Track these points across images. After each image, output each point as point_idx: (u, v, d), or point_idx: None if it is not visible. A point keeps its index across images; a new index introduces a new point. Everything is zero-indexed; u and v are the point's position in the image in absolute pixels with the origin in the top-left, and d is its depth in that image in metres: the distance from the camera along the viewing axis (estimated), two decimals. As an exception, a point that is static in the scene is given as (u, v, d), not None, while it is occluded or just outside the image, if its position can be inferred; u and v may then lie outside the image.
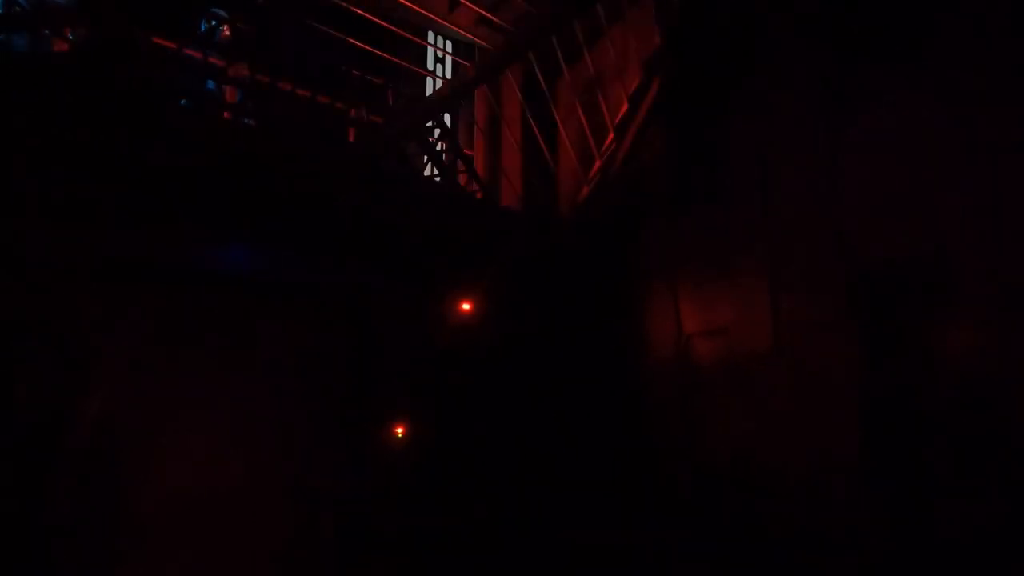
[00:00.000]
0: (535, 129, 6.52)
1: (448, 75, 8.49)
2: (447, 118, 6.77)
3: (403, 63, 7.25)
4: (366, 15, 6.92)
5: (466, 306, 6.63)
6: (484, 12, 7.56)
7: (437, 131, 6.53)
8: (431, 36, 8.22)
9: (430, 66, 8.35)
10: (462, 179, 6.75)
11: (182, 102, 4.90)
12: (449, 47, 8.46)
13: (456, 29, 7.92)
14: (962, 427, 3.71)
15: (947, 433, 3.78)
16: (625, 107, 6.43)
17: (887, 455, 4.07)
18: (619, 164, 6.68)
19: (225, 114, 5.06)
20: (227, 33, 5.29)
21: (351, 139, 5.96)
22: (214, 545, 5.19)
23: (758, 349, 4.92)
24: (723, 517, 5.26)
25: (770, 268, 4.93)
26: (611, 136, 6.60)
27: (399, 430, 6.06)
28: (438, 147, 6.74)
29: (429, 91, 8.13)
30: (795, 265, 4.74)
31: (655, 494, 5.91)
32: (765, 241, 5.02)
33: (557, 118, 6.75)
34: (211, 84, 6.09)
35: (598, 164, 6.75)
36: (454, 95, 5.40)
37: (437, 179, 6.96)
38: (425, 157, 6.32)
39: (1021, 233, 3.45)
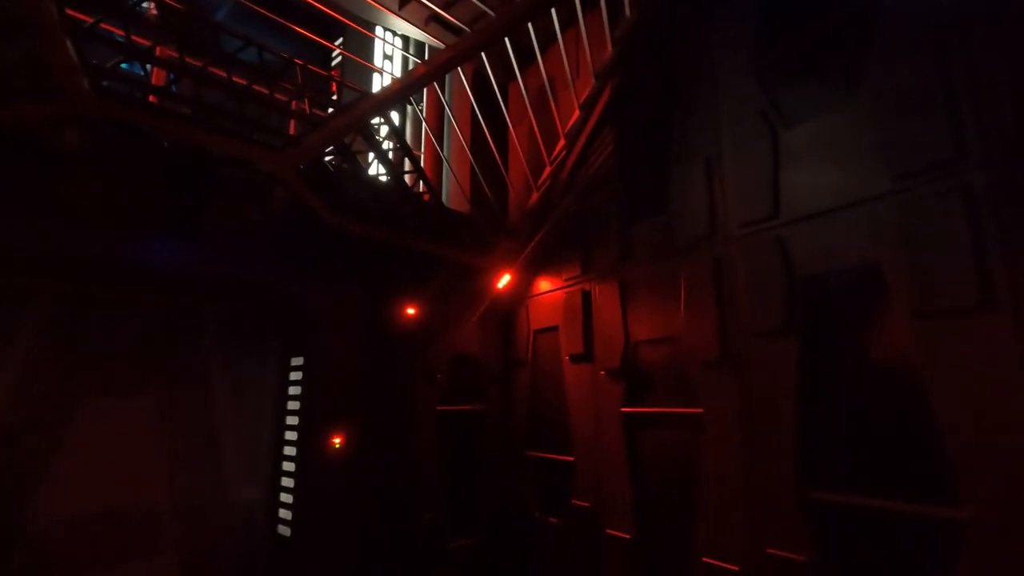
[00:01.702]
0: (486, 132, 6.42)
1: (397, 72, 8.30)
2: (395, 116, 6.56)
3: (350, 55, 6.99)
4: (313, 3, 6.65)
5: (411, 311, 6.41)
6: (437, 9, 7.42)
7: (384, 128, 6.31)
8: (380, 31, 8.01)
9: (378, 62, 8.12)
10: (409, 180, 6.56)
11: (103, 83, 4.48)
12: (399, 44, 8.27)
13: (407, 24, 7.74)
14: (888, 425, 3.85)
15: (875, 431, 3.91)
16: (576, 114, 6.43)
17: (819, 456, 4.18)
18: (568, 171, 6.68)
19: (151, 98, 4.66)
20: (153, 12, 4.90)
21: (291, 131, 5.66)
22: (133, 560, 4.73)
23: (704, 356, 4.97)
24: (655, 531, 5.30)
25: (715, 277, 5.00)
26: (561, 143, 6.59)
27: (336, 440, 5.75)
28: (385, 146, 6.52)
29: (376, 88, 7.90)
30: (739, 274, 4.83)
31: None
32: (711, 250, 5.11)
33: (508, 122, 6.68)
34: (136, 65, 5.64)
35: (548, 171, 6.72)
36: (404, 92, 5.20)
37: (383, 178, 6.73)
38: (371, 155, 6.08)
39: (937, 249, 3.61)
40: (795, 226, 4.50)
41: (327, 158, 5.72)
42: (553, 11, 5.72)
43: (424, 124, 7.93)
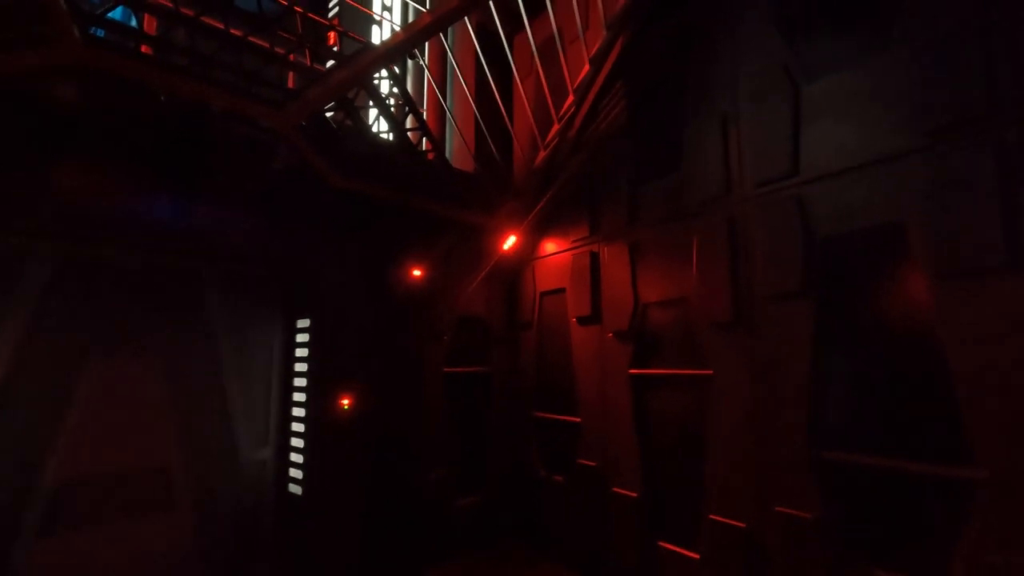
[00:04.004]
0: (493, 87, 6.18)
1: (396, 23, 7.96)
2: (397, 70, 6.31)
3: (351, 1, 6.65)
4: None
5: (416, 272, 6.32)
6: (439, -44, 7.04)
7: (387, 83, 6.08)
8: (380, -20, 7.65)
9: (377, 12, 7.78)
10: (413, 137, 6.36)
11: (93, 30, 4.25)
12: (400, -7, 7.91)
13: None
14: (902, 386, 3.83)
15: (889, 392, 3.89)
16: (586, 69, 6.19)
17: (832, 417, 4.18)
18: (577, 129, 6.47)
19: (143, 47, 4.43)
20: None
21: (290, 84, 5.44)
22: (145, 517, 4.79)
23: (716, 319, 4.92)
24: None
25: (729, 238, 4.90)
26: (570, 99, 6.36)
27: (344, 400, 5.75)
28: (388, 101, 6.29)
29: (375, 39, 7.60)
30: (754, 235, 4.73)
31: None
32: (725, 210, 4.99)
33: (515, 77, 6.43)
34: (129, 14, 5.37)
35: (556, 128, 6.52)
36: (408, 43, 4.96)
37: (386, 135, 6.53)
38: (373, 110, 5.87)
39: (965, 208, 3.51)
40: (815, 184, 4.37)
41: (328, 114, 5.52)
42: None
43: (427, 78, 7.64)
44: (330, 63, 5.47)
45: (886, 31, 4.07)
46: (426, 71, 6.89)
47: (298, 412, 5.81)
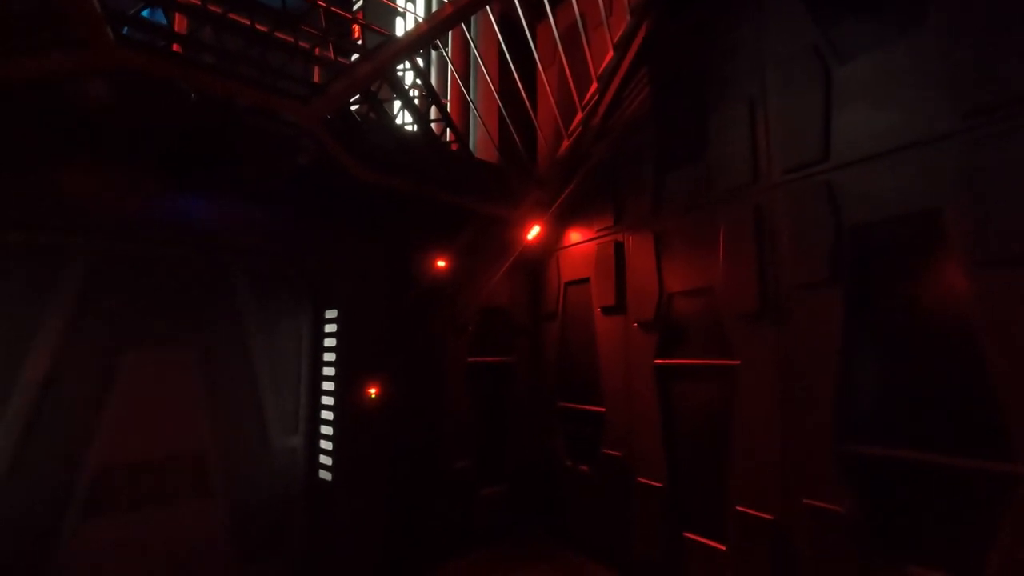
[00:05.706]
0: (516, 77, 6.15)
1: (419, 14, 7.96)
2: (420, 61, 6.33)
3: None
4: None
5: (441, 263, 6.37)
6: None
7: (410, 75, 6.10)
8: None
9: (400, 3, 7.80)
10: (436, 128, 6.37)
11: (124, 30, 4.37)
12: (422, -15, 7.90)
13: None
14: (935, 379, 3.72)
15: (922, 385, 3.78)
16: (610, 55, 6.10)
17: (863, 410, 4.08)
18: (601, 117, 6.41)
19: (174, 46, 4.54)
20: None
21: (315, 79, 5.50)
22: (181, 503, 4.98)
23: (743, 309, 4.84)
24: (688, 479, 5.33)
25: (756, 226, 4.81)
26: (594, 86, 6.29)
27: (372, 390, 5.86)
28: (411, 93, 6.32)
29: (398, 32, 7.62)
30: (782, 223, 4.63)
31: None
32: (752, 198, 4.89)
33: (538, 66, 6.38)
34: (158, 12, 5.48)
35: (580, 116, 6.45)
36: (430, 35, 4.97)
37: (409, 128, 6.56)
38: (396, 103, 5.90)
39: (1007, 193, 3.37)
40: (846, 170, 4.24)
41: (353, 107, 5.57)
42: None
43: (450, 69, 7.64)
44: (354, 57, 5.52)
45: (922, 9, 3.90)
46: (449, 62, 6.89)
47: (327, 400, 5.95)
